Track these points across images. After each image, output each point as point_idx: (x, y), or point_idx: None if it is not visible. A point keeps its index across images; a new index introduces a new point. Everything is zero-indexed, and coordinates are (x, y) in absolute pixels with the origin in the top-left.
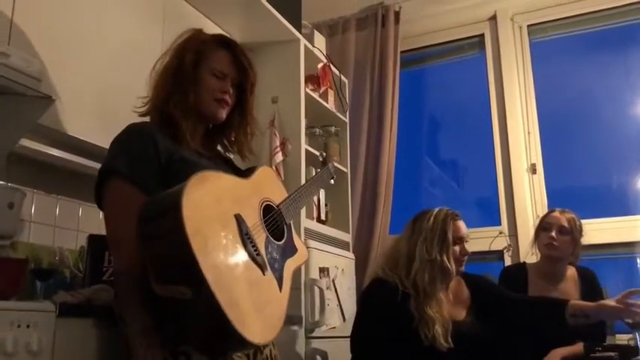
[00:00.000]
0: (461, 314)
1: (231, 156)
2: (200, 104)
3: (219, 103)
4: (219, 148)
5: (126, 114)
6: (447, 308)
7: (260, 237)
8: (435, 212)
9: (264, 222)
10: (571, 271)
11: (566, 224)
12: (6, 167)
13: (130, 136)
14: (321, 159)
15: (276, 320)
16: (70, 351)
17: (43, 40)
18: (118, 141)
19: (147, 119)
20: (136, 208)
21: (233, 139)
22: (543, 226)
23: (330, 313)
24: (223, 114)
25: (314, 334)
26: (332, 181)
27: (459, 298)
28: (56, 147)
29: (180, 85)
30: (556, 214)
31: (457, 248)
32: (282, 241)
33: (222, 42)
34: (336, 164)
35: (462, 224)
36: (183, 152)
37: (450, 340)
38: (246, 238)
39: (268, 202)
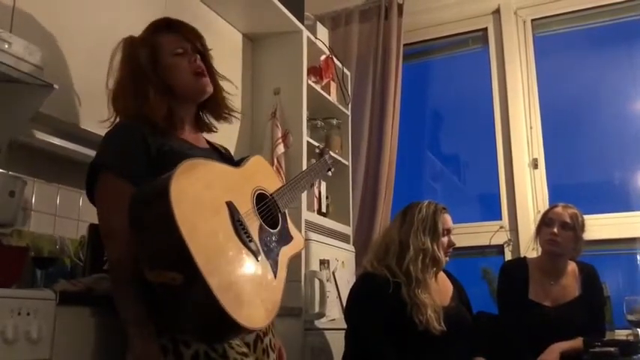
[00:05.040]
0: (447, 301)
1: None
2: (183, 88)
3: (199, 76)
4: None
5: None
6: (436, 295)
7: (253, 224)
8: (425, 204)
9: (257, 210)
10: (572, 267)
11: (568, 220)
12: (7, 155)
13: (119, 131)
14: (317, 150)
15: (271, 305)
16: (69, 339)
17: (45, 28)
18: (108, 136)
19: None
20: (127, 200)
21: (211, 104)
22: (545, 221)
23: (330, 305)
24: (208, 85)
25: (313, 326)
26: (329, 173)
27: (444, 287)
28: (57, 135)
29: (150, 85)
30: (559, 209)
31: (445, 239)
32: (277, 229)
33: (162, 27)
34: (337, 156)
35: (449, 217)
36: (172, 143)
37: (442, 323)
38: (238, 225)
39: (261, 191)
